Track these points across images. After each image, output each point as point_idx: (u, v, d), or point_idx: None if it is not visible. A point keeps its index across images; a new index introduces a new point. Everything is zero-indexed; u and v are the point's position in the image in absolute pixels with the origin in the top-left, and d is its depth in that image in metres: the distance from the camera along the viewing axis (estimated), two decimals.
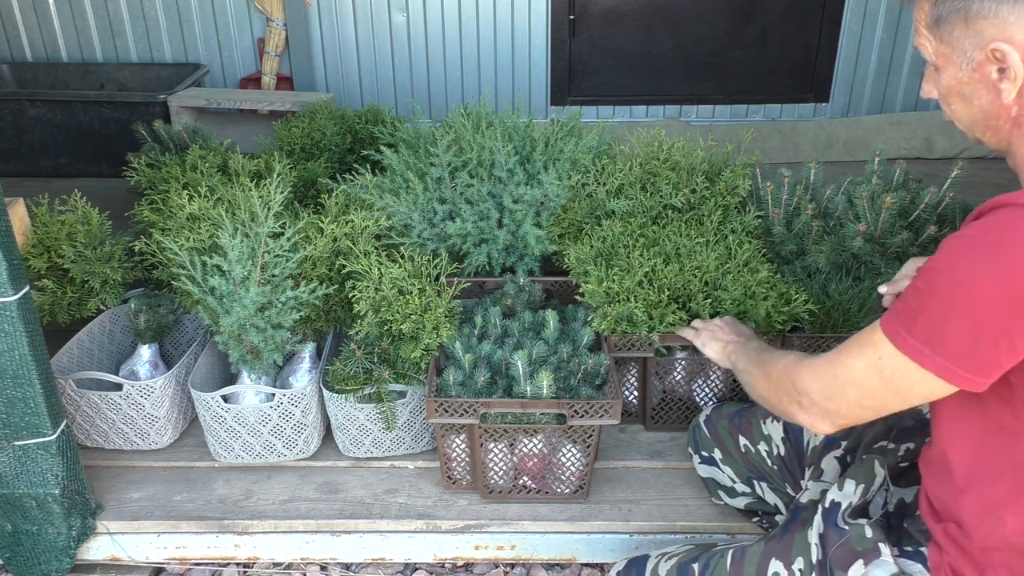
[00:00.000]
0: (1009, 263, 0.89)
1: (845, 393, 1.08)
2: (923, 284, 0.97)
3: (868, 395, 1.06)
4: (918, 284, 0.97)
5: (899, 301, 1.01)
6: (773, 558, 1.27)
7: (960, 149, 3.94)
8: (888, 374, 1.01)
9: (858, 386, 1.06)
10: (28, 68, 4.16)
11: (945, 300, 0.94)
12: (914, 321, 0.97)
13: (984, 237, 0.92)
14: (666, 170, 2.23)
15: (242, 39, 4.17)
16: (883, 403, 1.06)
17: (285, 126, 2.87)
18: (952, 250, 0.95)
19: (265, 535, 1.80)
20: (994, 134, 1.05)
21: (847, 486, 1.26)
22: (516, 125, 2.30)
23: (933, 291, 0.95)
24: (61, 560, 1.74)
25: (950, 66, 1.04)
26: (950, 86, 1.06)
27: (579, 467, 1.75)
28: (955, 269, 0.93)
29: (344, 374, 1.81)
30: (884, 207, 1.99)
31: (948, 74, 1.05)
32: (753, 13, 4.10)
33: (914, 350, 0.97)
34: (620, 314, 1.80)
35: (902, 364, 0.99)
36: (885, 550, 1.15)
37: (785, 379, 1.19)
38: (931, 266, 0.96)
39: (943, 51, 1.04)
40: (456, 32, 4.12)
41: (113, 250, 2.14)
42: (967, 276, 0.91)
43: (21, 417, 1.58)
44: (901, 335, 0.98)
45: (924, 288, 0.96)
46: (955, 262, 0.93)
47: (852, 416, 1.11)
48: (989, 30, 0.97)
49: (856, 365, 1.05)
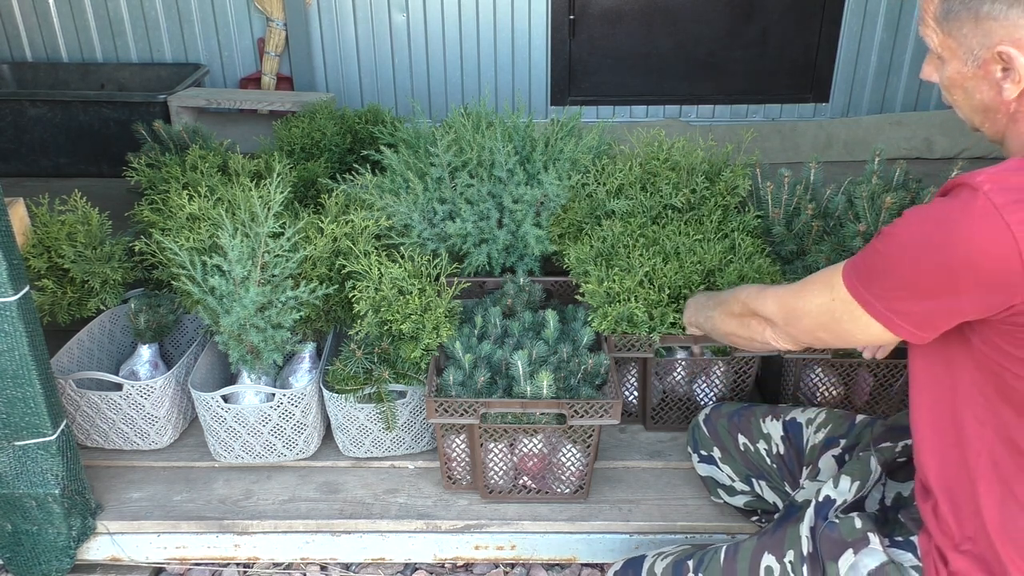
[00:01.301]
0: (949, 241, 0.96)
1: (802, 321, 1.22)
2: (880, 244, 1.06)
3: (821, 327, 1.18)
4: (875, 243, 1.07)
5: (859, 254, 1.11)
6: (765, 552, 1.28)
7: (960, 149, 3.94)
8: (839, 314, 1.12)
9: (813, 318, 1.18)
10: (28, 68, 4.16)
11: (894, 262, 1.03)
12: (866, 273, 1.08)
13: (937, 213, 0.99)
14: (666, 170, 2.23)
15: (242, 39, 4.17)
16: (835, 336, 1.17)
17: (285, 126, 2.87)
18: (910, 219, 1.03)
19: (265, 535, 1.80)
20: (991, 125, 1.10)
21: (842, 483, 1.27)
22: (516, 125, 2.30)
23: (886, 252, 1.04)
24: (61, 560, 1.74)
25: (955, 60, 1.07)
26: (953, 79, 1.09)
27: (579, 467, 1.75)
28: (906, 236, 1.02)
29: (344, 374, 1.81)
30: (884, 207, 1.99)
31: (952, 67, 1.08)
32: (753, 13, 4.10)
33: (863, 298, 1.08)
34: (620, 314, 1.80)
35: (852, 308, 1.10)
36: (874, 539, 1.16)
37: (747, 309, 1.35)
38: (890, 231, 1.05)
39: (949, 44, 1.07)
40: (456, 32, 4.12)
41: (113, 250, 2.14)
42: (914, 244, 1.01)
43: (21, 417, 1.58)
44: (854, 283, 1.09)
45: (880, 248, 1.06)
46: (908, 230, 1.02)
47: (807, 341, 1.26)
48: (998, 31, 1.00)
49: (814, 301, 1.17)
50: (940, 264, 0.97)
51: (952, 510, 1.10)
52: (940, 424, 1.12)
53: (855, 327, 1.11)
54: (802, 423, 1.52)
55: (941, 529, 1.12)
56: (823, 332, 1.18)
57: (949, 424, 1.11)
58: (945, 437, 1.11)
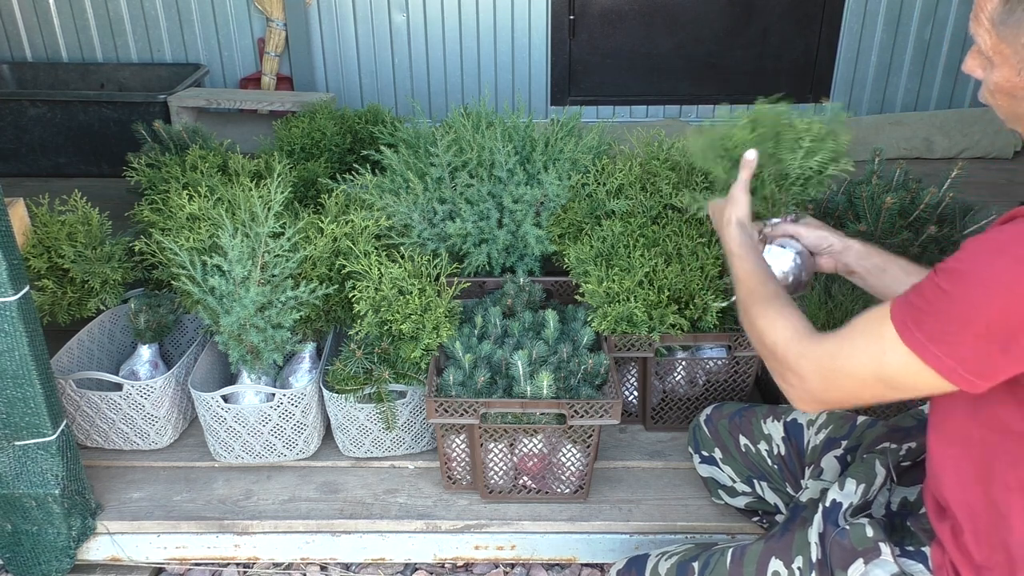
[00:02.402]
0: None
1: (842, 385, 1.06)
2: (944, 283, 0.93)
3: (865, 387, 1.04)
4: (938, 282, 0.94)
5: (912, 293, 0.97)
6: (773, 557, 1.27)
7: (960, 149, 3.94)
8: (890, 368, 0.99)
9: (858, 380, 1.04)
10: (28, 68, 4.16)
11: (964, 302, 0.91)
12: (926, 316, 0.94)
13: (1013, 245, 0.89)
14: (666, 170, 2.23)
15: (242, 39, 4.17)
16: (877, 395, 1.04)
17: (285, 126, 2.87)
18: (977, 253, 0.92)
19: (265, 535, 1.80)
20: None
21: (848, 485, 1.26)
22: (516, 125, 2.30)
23: (953, 292, 0.92)
24: (61, 560, 1.74)
25: (1006, 67, 1.01)
26: (1001, 85, 1.03)
27: (579, 467, 1.75)
28: (978, 273, 0.90)
29: (344, 374, 1.81)
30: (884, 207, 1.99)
31: (1001, 74, 1.03)
32: (753, 13, 4.10)
33: (920, 346, 0.95)
34: (620, 314, 1.80)
35: (906, 359, 0.96)
36: (885, 549, 1.15)
37: (781, 354, 1.15)
38: (953, 267, 0.93)
39: (1003, 50, 1.01)
40: (456, 32, 4.12)
41: (113, 250, 2.14)
42: (990, 281, 0.89)
43: (21, 417, 1.58)
44: (910, 328, 0.96)
45: (945, 287, 0.93)
46: (979, 266, 0.91)
47: (840, 405, 1.12)
48: None
49: (863, 360, 1.02)
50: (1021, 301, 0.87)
51: (975, 538, 1.06)
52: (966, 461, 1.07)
53: (909, 382, 0.98)
54: (803, 424, 1.52)
55: (960, 550, 1.08)
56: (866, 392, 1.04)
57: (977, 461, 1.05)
58: (971, 471, 1.06)
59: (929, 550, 1.14)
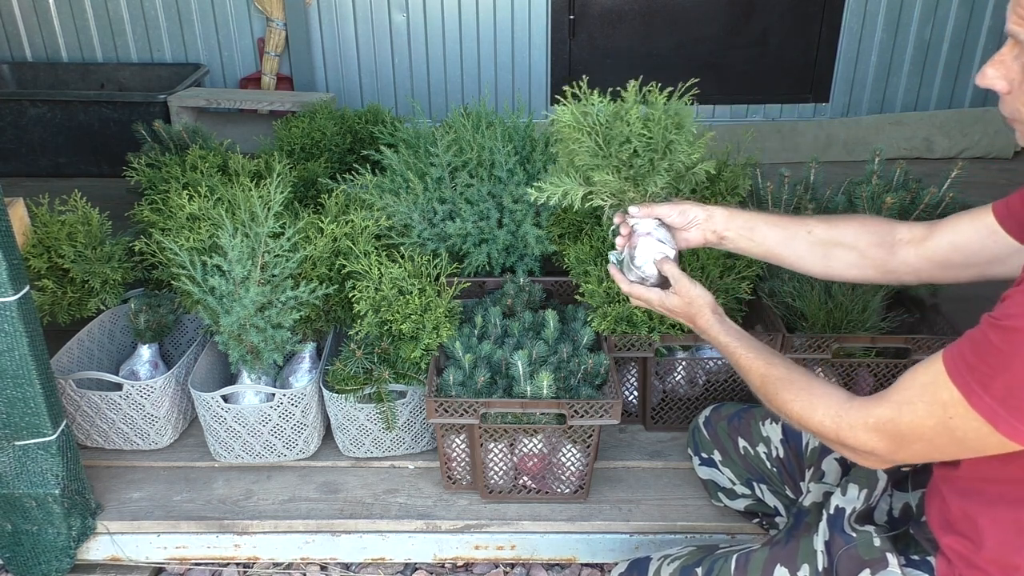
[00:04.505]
0: None
1: (912, 447, 1.01)
2: (999, 341, 0.88)
3: (938, 449, 0.99)
4: (992, 339, 0.89)
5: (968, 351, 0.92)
6: (778, 564, 1.26)
7: (960, 149, 3.94)
8: (961, 434, 0.94)
9: (928, 442, 0.98)
10: (28, 68, 4.16)
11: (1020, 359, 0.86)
12: (991, 379, 0.89)
13: None
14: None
15: (242, 39, 4.17)
16: (954, 454, 1.00)
17: (285, 126, 2.87)
18: None
19: (265, 535, 1.80)
20: None
21: (850, 491, 1.25)
22: (516, 125, 2.30)
23: (1013, 351, 0.87)
24: (61, 560, 1.74)
25: None
26: None
27: (579, 467, 1.75)
28: None
29: (344, 374, 1.81)
30: (884, 207, 1.99)
31: None
32: (753, 13, 4.10)
33: (991, 412, 0.90)
34: (620, 314, 1.80)
35: (977, 425, 0.91)
36: (892, 560, 1.14)
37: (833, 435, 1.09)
38: (1006, 324, 0.88)
39: None
40: (456, 32, 4.12)
41: (113, 250, 2.14)
42: None
43: (21, 417, 1.58)
44: (977, 393, 0.90)
45: (1002, 347, 0.88)
46: None
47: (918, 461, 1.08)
48: None
49: (925, 423, 0.97)
50: None
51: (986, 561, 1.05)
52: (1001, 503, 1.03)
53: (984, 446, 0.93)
54: None
55: (968, 564, 1.08)
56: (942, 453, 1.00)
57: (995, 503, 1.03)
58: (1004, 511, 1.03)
59: (934, 560, 1.14)
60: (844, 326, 1.90)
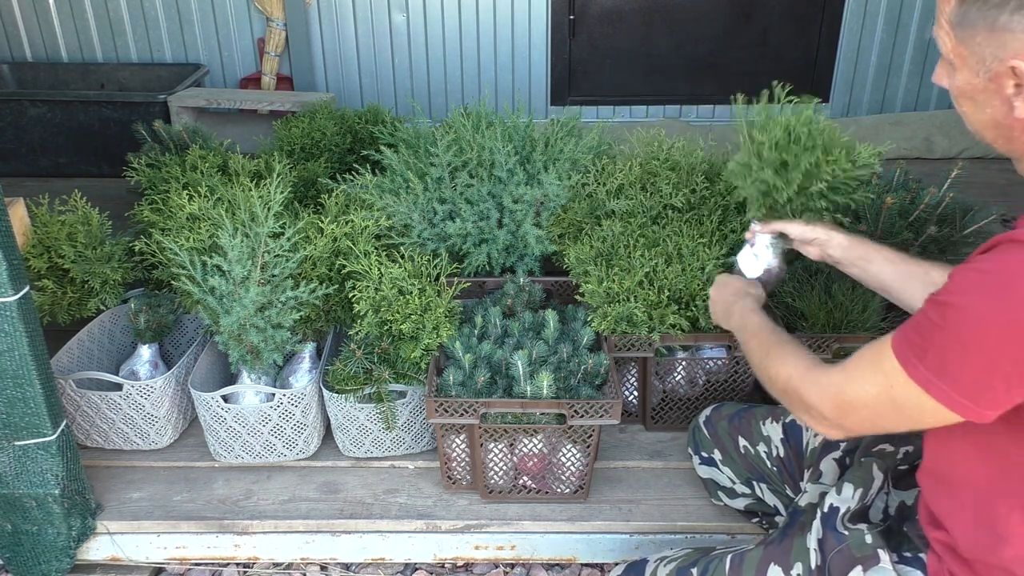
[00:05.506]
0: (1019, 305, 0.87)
1: (858, 413, 1.08)
2: (936, 316, 0.95)
3: (881, 416, 1.05)
4: (930, 316, 0.96)
5: (910, 328, 0.99)
6: (772, 563, 1.27)
7: (960, 149, 3.94)
8: (900, 401, 1.01)
9: (871, 409, 1.05)
10: (28, 68, 4.16)
11: (956, 336, 0.93)
12: (926, 352, 0.96)
13: (994, 277, 0.90)
14: (666, 170, 2.23)
15: (242, 39, 4.17)
16: (895, 424, 1.05)
17: (285, 126, 2.87)
18: (963, 286, 0.93)
19: (265, 535, 1.80)
20: (1005, 143, 1.03)
21: (845, 490, 1.26)
22: (516, 125, 2.30)
23: (944, 326, 0.94)
24: (61, 560, 1.74)
25: (966, 69, 1.00)
26: (963, 89, 1.03)
27: (579, 467, 1.75)
28: (965, 306, 0.92)
29: (344, 374, 1.81)
30: (884, 207, 1.99)
31: (962, 77, 1.02)
32: (753, 13, 4.10)
33: (925, 380, 0.96)
34: (620, 314, 1.80)
35: (914, 393, 0.98)
36: (884, 556, 1.15)
37: (791, 390, 1.19)
38: (943, 300, 0.94)
39: (961, 52, 1.00)
40: (456, 32, 4.12)
41: (113, 250, 2.14)
42: (977, 314, 0.91)
43: (21, 417, 1.58)
44: (913, 363, 0.97)
45: (937, 321, 0.95)
46: (966, 298, 0.92)
47: (864, 431, 1.12)
48: (1013, 44, 0.93)
49: (868, 390, 1.04)
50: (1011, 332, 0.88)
51: (973, 554, 1.06)
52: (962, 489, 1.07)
53: (922, 413, 0.99)
54: (801, 426, 1.52)
55: (957, 560, 1.09)
56: (886, 420, 1.06)
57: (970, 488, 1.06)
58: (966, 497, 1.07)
59: (926, 557, 1.14)
60: (844, 326, 1.90)
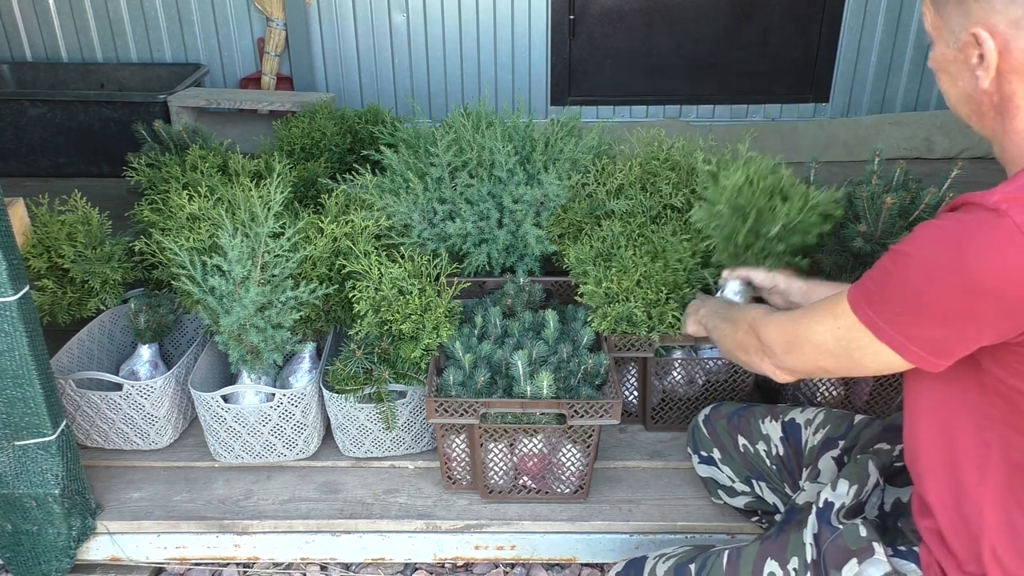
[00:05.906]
0: (968, 263, 0.90)
1: (804, 351, 1.15)
2: (890, 264, 1.00)
3: (825, 356, 1.11)
4: (886, 263, 1.00)
5: (866, 275, 1.04)
6: (768, 558, 1.27)
7: (960, 149, 3.94)
8: (845, 342, 1.06)
9: (817, 347, 1.12)
10: (28, 68, 4.16)
11: (906, 284, 0.97)
12: (876, 296, 1.01)
13: (952, 232, 0.94)
14: (666, 170, 2.23)
15: (242, 39, 4.17)
16: (839, 365, 1.11)
17: (285, 126, 2.87)
18: (922, 238, 0.97)
19: (265, 535, 1.80)
20: (979, 119, 1.06)
21: (840, 486, 1.26)
22: (516, 125, 2.30)
23: (897, 273, 0.98)
24: (61, 560, 1.74)
25: (940, 41, 1.04)
26: (938, 61, 1.06)
27: (579, 467, 1.75)
28: (920, 257, 0.96)
29: (344, 374, 1.81)
30: (884, 207, 1.99)
31: (938, 49, 1.05)
32: (753, 13, 4.10)
33: (872, 323, 1.01)
34: (620, 314, 1.80)
35: (860, 334, 1.03)
36: (879, 549, 1.16)
37: (751, 332, 1.29)
38: (900, 249, 0.99)
39: (937, 24, 1.03)
40: (456, 32, 4.12)
41: (113, 250, 2.14)
42: (929, 266, 0.95)
43: (21, 417, 1.58)
44: (863, 307, 1.03)
45: (891, 268, 0.99)
46: (921, 250, 0.96)
47: (808, 371, 1.21)
48: (976, 12, 0.96)
49: (817, 328, 1.11)
50: (961, 287, 0.91)
51: (954, 533, 1.08)
52: (939, 449, 1.09)
53: (864, 355, 1.05)
54: (801, 424, 1.52)
55: (942, 548, 1.10)
56: (827, 361, 1.12)
57: (949, 449, 1.07)
58: (945, 461, 1.08)
59: (919, 549, 1.15)
60: None
